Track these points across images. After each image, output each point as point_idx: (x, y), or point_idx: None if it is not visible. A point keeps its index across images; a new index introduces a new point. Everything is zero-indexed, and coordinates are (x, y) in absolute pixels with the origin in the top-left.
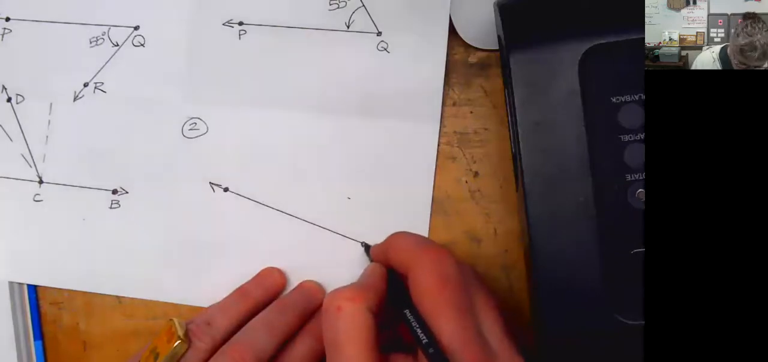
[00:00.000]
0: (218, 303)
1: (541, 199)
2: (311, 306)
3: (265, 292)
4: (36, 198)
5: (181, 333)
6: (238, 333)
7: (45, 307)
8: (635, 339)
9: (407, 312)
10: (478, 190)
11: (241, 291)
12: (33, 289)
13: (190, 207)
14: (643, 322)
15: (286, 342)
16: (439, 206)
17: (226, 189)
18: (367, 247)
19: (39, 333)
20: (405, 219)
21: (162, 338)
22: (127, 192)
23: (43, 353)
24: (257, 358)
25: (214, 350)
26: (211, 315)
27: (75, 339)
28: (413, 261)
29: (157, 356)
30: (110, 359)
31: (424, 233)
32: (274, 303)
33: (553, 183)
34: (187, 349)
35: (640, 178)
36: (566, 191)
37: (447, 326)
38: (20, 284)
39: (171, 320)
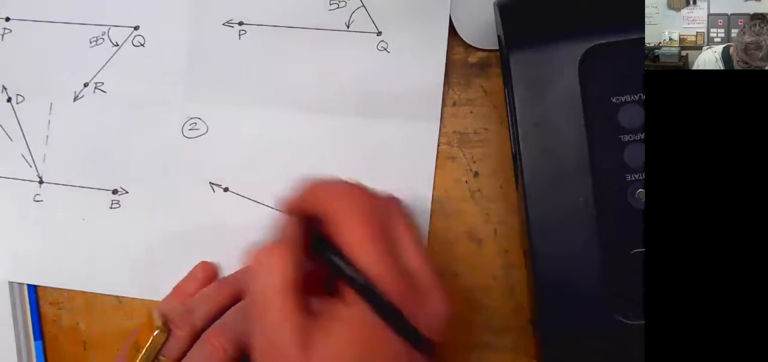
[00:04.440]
0: (200, 292)
1: (541, 199)
2: None
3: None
4: (36, 199)
5: (159, 323)
6: (218, 320)
7: (45, 307)
8: (635, 339)
9: (331, 254)
10: (478, 190)
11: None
12: (33, 289)
13: (190, 207)
14: (643, 322)
15: None
16: (439, 206)
17: (226, 190)
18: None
19: (39, 333)
20: None
21: (143, 330)
22: (127, 192)
23: (43, 353)
24: (237, 343)
25: (195, 337)
26: (191, 304)
27: (75, 339)
28: (330, 205)
29: (139, 349)
30: (110, 359)
31: (424, 233)
32: None
33: (553, 183)
34: (167, 338)
35: (640, 178)
36: (566, 191)
37: (367, 260)
38: (20, 284)
39: (150, 310)
